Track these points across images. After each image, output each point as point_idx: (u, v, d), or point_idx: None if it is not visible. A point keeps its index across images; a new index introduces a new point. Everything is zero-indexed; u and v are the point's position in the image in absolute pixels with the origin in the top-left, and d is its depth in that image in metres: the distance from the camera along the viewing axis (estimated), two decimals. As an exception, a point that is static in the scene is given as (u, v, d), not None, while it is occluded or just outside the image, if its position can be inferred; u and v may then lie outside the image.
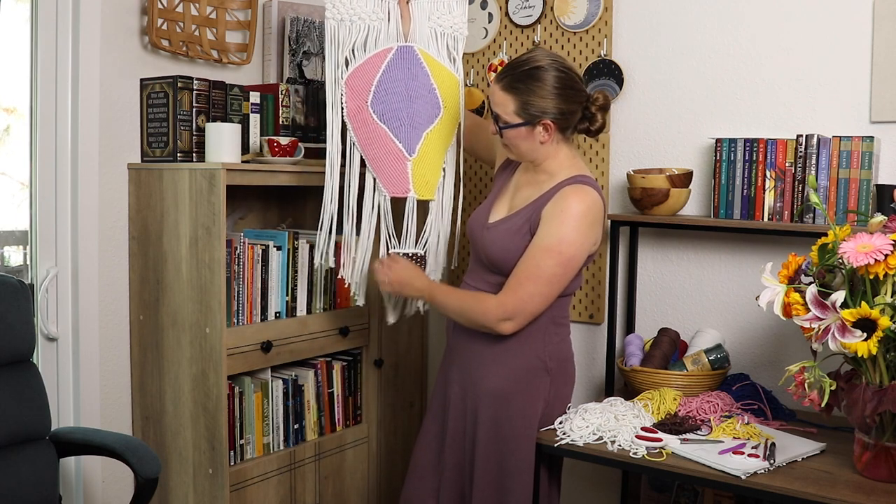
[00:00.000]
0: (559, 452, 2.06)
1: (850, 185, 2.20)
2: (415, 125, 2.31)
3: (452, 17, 2.41)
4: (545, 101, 2.02)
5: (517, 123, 2.04)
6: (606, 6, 2.63)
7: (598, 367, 2.73)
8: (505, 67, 2.08)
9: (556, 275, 2.02)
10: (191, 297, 2.29)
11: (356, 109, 2.29)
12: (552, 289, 2.04)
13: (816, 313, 1.72)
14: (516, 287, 2.03)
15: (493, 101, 2.08)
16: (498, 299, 2.05)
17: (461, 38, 2.43)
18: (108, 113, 2.38)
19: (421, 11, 2.38)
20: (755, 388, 2.33)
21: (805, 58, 2.37)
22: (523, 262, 2.04)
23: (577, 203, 2.02)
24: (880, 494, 1.72)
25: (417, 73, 2.33)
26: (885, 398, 1.70)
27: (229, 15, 2.66)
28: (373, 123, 2.29)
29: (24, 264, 2.40)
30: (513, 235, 2.08)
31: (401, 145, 2.30)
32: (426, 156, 2.33)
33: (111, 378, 2.44)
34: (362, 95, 2.29)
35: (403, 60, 2.33)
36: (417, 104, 2.32)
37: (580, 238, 2.02)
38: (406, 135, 2.31)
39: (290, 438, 2.51)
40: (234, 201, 2.61)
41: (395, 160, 2.30)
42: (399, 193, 2.31)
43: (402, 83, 2.32)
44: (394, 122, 2.30)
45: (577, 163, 2.13)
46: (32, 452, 2.02)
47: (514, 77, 2.04)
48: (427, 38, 2.38)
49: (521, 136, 2.06)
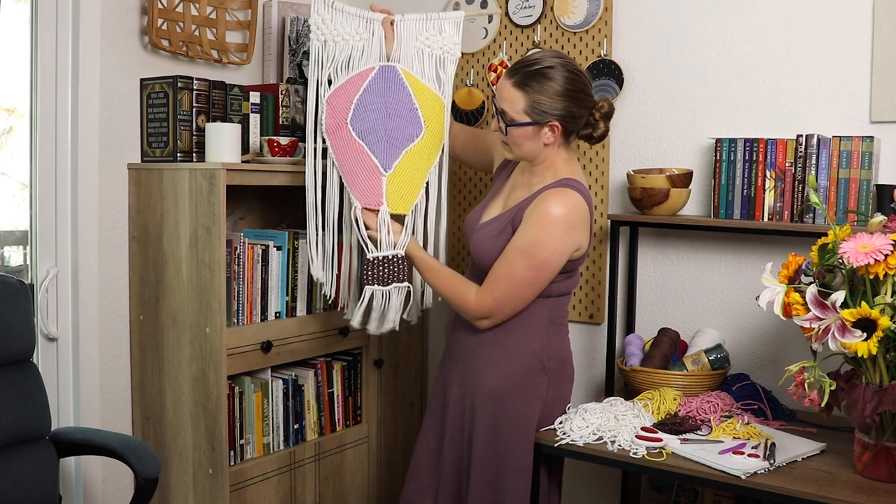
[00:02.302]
0: (559, 452, 2.06)
1: (850, 185, 2.20)
2: (393, 142, 2.29)
3: (443, 38, 2.39)
4: (555, 101, 2.01)
5: (524, 122, 2.03)
6: (606, 6, 2.63)
7: (598, 367, 2.74)
8: (516, 64, 2.06)
9: (528, 277, 2.01)
10: (191, 297, 2.29)
11: (335, 126, 2.28)
12: (525, 291, 2.04)
13: (816, 313, 1.72)
14: (493, 287, 2.04)
15: (502, 97, 2.06)
16: (477, 297, 2.07)
17: (451, 59, 2.40)
18: (108, 113, 2.39)
19: (407, 31, 2.38)
20: (755, 388, 2.33)
21: (805, 58, 2.37)
22: (499, 261, 2.04)
23: (556, 206, 1.99)
24: (880, 494, 1.73)
25: (399, 92, 2.32)
26: (885, 398, 1.70)
27: (229, 15, 2.66)
28: (351, 140, 2.28)
29: (24, 264, 2.40)
30: (496, 236, 2.08)
31: (377, 160, 2.27)
32: (403, 172, 2.29)
33: (111, 378, 2.44)
34: (342, 113, 2.29)
35: (385, 80, 2.33)
36: (397, 122, 2.30)
37: (554, 242, 1.99)
38: (383, 151, 2.28)
39: (290, 438, 2.51)
40: (234, 201, 2.61)
41: (369, 174, 2.27)
42: (371, 205, 2.24)
43: (382, 101, 2.31)
44: (371, 139, 2.28)
45: (572, 168, 2.11)
46: (32, 452, 2.02)
47: (526, 75, 2.02)
48: (412, 58, 2.37)
49: (526, 135, 2.05)
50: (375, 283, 2.22)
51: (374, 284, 2.22)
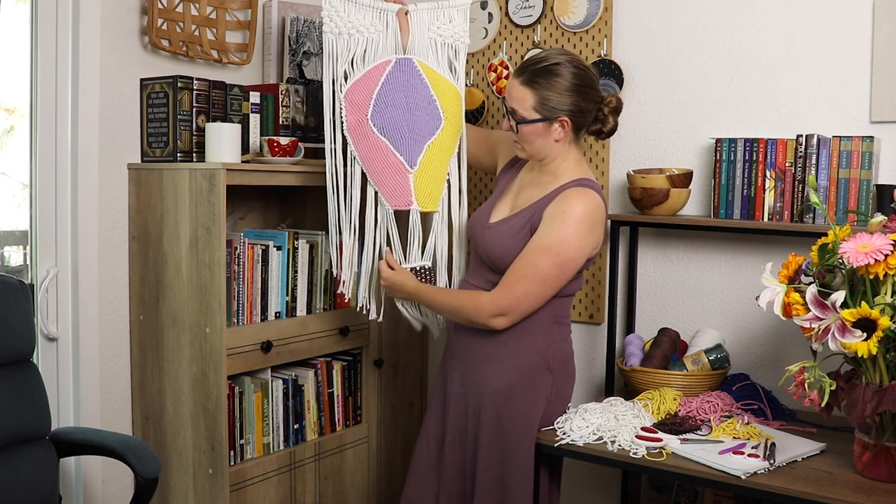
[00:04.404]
0: (559, 452, 2.06)
1: (850, 185, 2.20)
2: (416, 137, 2.29)
3: (453, 26, 2.39)
4: (563, 97, 2.04)
5: (535, 119, 2.05)
6: (606, 6, 2.63)
7: (598, 367, 2.73)
8: (524, 63, 2.09)
9: (552, 275, 2.02)
10: (191, 297, 2.29)
11: (356, 123, 2.26)
12: (547, 289, 2.04)
13: (816, 313, 1.72)
14: (512, 284, 2.03)
15: (511, 95, 2.08)
16: (493, 295, 2.06)
17: (463, 47, 2.41)
18: (108, 113, 2.39)
19: (420, 22, 2.37)
20: (755, 388, 2.33)
21: (805, 58, 2.37)
22: (521, 259, 2.04)
23: (580, 205, 2.02)
24: (880, 494, 1.72)
25: (417, 84, 2.31)
26: (885, 398, 1.70)
27: (229, 15, 2.66)
28: (373, 137, 2.26)
29: (24, 264, 2.40)
30: (513, 235, 2.08)
31: (402, 158, 2.27)
32: (428, 167, 2.30)
33: (111, 378, 2.44)
34: (362, 109, 2.26)
35: (402, 72, 2.31)
36: (418, 116, 2.29)
37: (579, 240, 2.02)
38: (407, 147, 2.28)
39: (290, 438, 2.51)
40: (234, 201, 2.61)
41: (396, 173, 2.28)
42: (402, 206, 2.28)
43: (402, 95, 2.29)
44: (394, 135, 2.27)
45: (583, 167, 2.14)
46: (32, 452, 2.02)
47: (535, 72, 2.05)
48: (426, 48, 2.36)
49: (537, 132, 2.06)
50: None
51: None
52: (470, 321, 2.11)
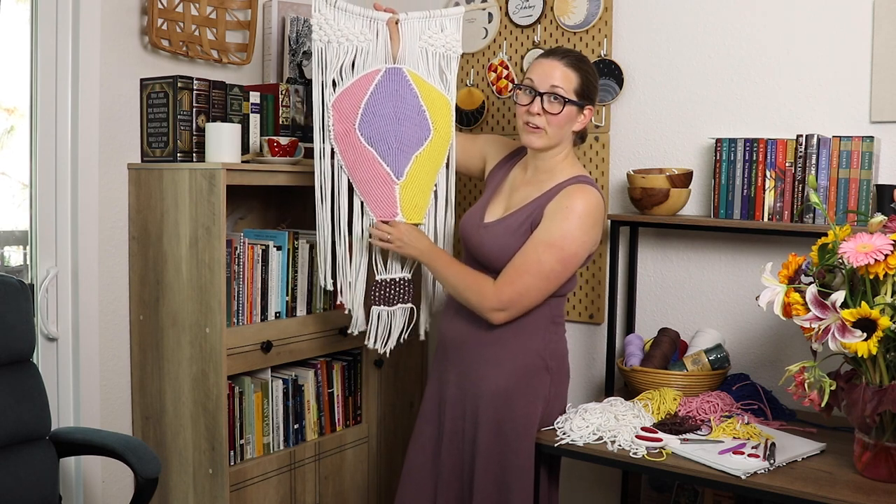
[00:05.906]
0: (559, 452, 2.06)
1: (850, 185, 2.20)
2: (403, 148, 2.27)
3: (445, 35, 2.38)
4: (595, 87, 2.13)
5: (576, 102, 2.08)
6: (606, 6, 2.63)
7: (598, 367, 2.73)
8: (557, 50, 2.13)
9: (555, 271, 2.03)
10: (191, 297, 2.29)
11: (343, 132, 2.25)
12: (549, 284, 2.04)
13: (816, 313, 1.72)
14: (515, 278, 2.03)
15: (553, 76, 2.06)
16: (496, 287, 2.04)
17: (454, 57, 2.40)
18: (108, 113, 2.39)
19: (411, 31, 2.35)
20: (755, 388, 2.33)
21: (805, 58, 2.37)
22: (523, 254, 2.03)
23: (583, 202, 2.03)
24: (880, 494, 1.73)
25: (406, 94, 2.29)
26: (885, 398, 1.70)
27: (229, 15, 2.66)
28: (360, 146, 2.25)
29: (24, 264, 2.40)
30: (512, 233, 2.08)
31: (388, 169, 2.26)
32: (415, 179, 2.29)
33: (111, 378, 2.44)
34: (350, 118, 2.25)
35: (392, 82, 2.29)
36: (406, 127, 2.28)
37: (582, 236, 2.03)
38: (394, 158, 2.26)
39: (290, 438, 2.51)
40: (234, 201, 2.61)
41: (382, 184, 2.26)
42: (386, 217, 2.25)
43: (391, 105, 2.27)
44: (381, 146, 2.26)
45: (578, 164, 2.17)
46: (32, 452, 2.02)
47: (577, 58, 2.10)
48: (417, 58, 2.35)
49: (570, 116, 2.09)
50: (382, 304, 2.33)
51: (380, 305, 2.33)
52: (469, 304, 2.09)
